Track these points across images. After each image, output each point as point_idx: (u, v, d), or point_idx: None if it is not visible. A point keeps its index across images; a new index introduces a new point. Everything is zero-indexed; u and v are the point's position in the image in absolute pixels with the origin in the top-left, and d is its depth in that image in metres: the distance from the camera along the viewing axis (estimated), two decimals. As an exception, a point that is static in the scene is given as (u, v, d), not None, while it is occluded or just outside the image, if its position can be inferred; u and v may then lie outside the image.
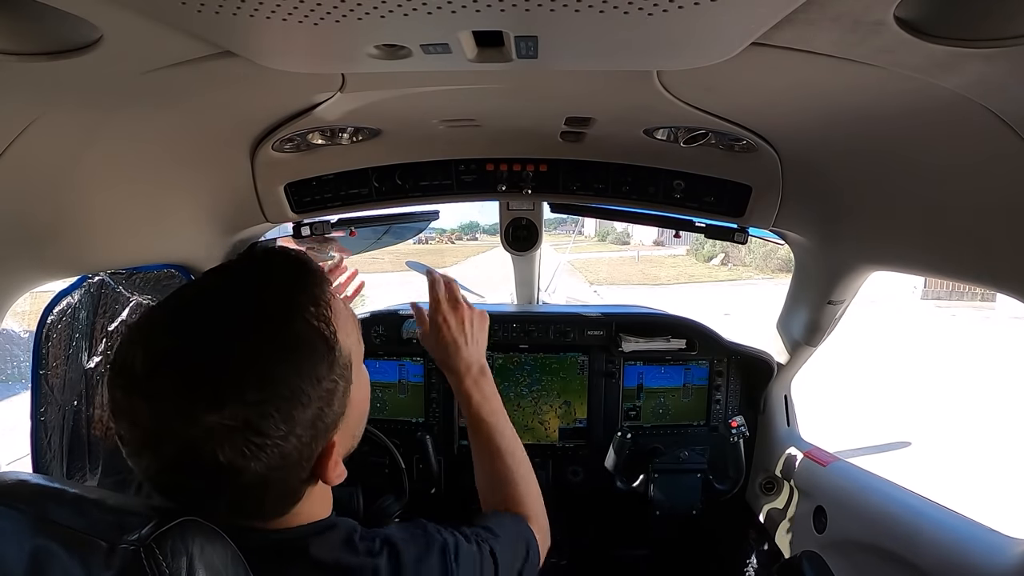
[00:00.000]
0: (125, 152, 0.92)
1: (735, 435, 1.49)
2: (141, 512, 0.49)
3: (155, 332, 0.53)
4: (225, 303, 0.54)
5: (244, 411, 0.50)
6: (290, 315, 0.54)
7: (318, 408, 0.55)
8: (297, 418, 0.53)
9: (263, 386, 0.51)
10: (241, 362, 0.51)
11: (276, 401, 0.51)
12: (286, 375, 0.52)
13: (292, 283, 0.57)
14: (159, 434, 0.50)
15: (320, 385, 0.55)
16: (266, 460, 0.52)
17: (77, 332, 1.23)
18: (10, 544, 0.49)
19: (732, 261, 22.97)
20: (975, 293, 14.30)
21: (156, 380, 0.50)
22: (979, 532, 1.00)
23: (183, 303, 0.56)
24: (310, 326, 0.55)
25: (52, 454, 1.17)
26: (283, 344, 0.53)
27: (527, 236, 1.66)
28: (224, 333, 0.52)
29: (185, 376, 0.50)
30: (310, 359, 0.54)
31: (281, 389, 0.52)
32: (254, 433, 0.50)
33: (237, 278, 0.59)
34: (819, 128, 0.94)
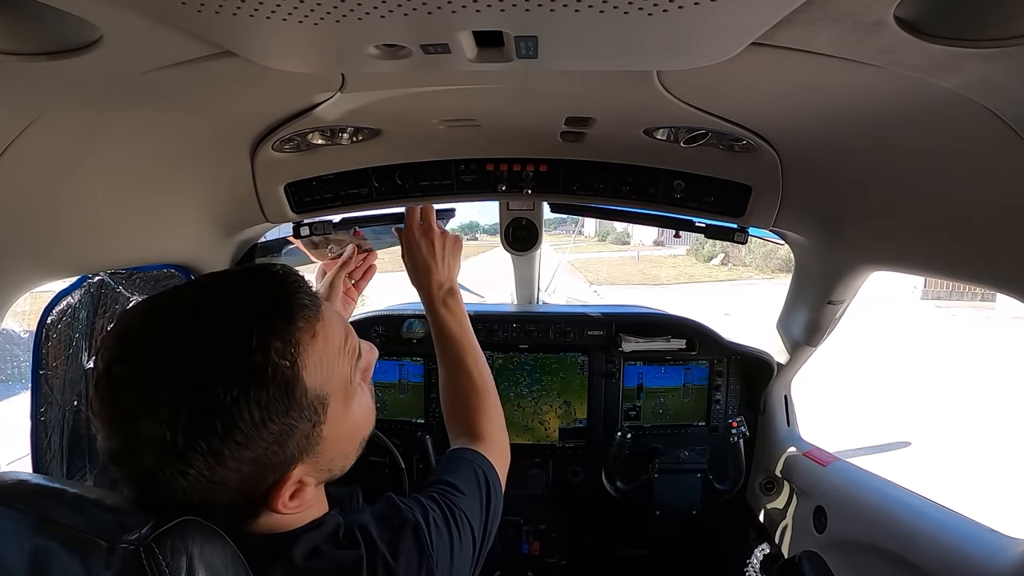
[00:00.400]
0: (125, 152, 0.92)
1: (735, 435, 1.50)
2: (142, 512, 0.49)
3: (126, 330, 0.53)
4: (192, 318, 0.53)
5: (172, 433, 0.48)
6: (249, 346, 0.51)
7: (263, 449, 0.52)
8: (229, 455, 0.50)
9: (196, 415, 0.49)
10: (184, 384, 0.49)
11: (206, 435, 0.49)
12: (224, 412, 0.49)
13: (268, 316, 0.54)
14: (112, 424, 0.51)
15: (266, 427, 0.51)
16: (190, 486, 0.50)
17: (77, 332, 1.22)
18: (10, 544, 0.49)
19: (732, 261, 22.96)
20: (975, 293, 14.29)
21: (111, 375, 0.51)
22: (979, 532, 1.00)
23: (159, 307, 0.55)
24: (270, 361, 0.51)
25: (52, 454, 1.17)
26: (232, 376, 0.50)
27: (527, 236, 1.66)
28: (178, 349, 0.51)
29: (134, 380, 0.50)
30: (258, 400, 0.51)
31: (214, 424, 0.49)
32: (178, 459, 0.49)
33: (214, 294, 0.56)
34: (819, 128, 0.94)
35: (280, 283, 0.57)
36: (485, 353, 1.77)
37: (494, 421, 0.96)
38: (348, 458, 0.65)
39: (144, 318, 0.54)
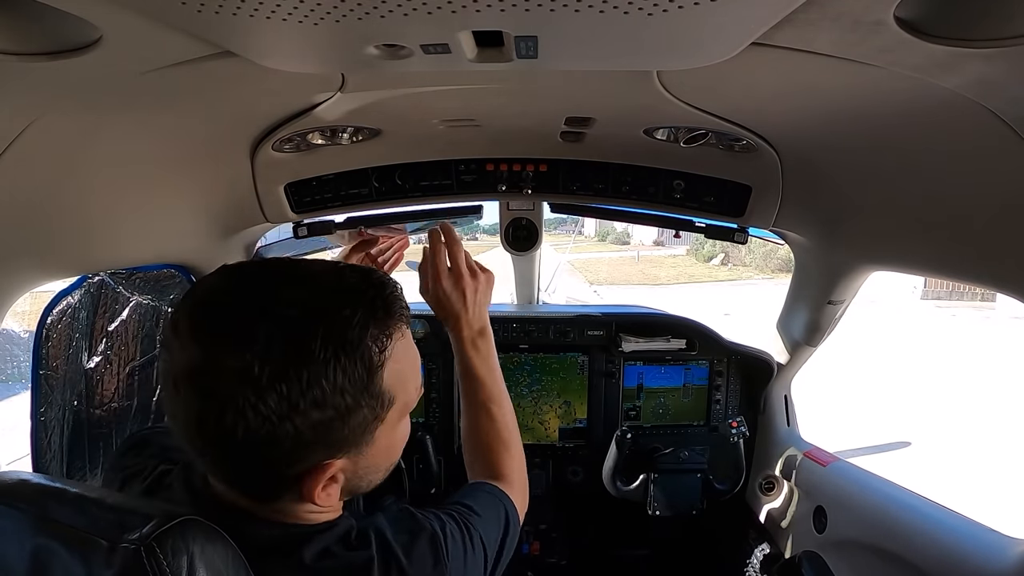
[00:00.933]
0: (125, 152, 0.92)
1: (735, 435, 1.50)
2: (142, 511, 0.49)
3: (232, 272, 0.57)
4: (303, 280, 0.56)
5: (260, 367, 0.50)
6: (352, 321, 0.54)
7: (330, 417, 0.53)
8: (302, 408, 0.51)
9: (288, 358, 0.51)
10: (285, 327, 0.51)
11: (290, 380, 0.50)
12: (313, 364, 0.51)
13: (371, 302, 0.56)
14: (196, 343, 0.52)
15: (342, 396, 0.53)
16: (251, 426, 0.51)
17: (77, 332, 1.23)
18: (11, 543, 0.49)
19: (732, 261, 22.97)
20: (975, 293, 14.30)
21: (209, 302, 0.54)
22: (979, 532, 1.00)
23: (270, 264, 0.58)
24: (364, 341, 0.54)
25: (52, 454, 1.17)
26: (329, 337, 0.52)
27: (527, 236, 1.66)
28: (285, 298, 0.53)
29: (234, 309, 0.52)
30: (344, 367, 0.53)
31: (301, 372, 0.51)
32: (255, 393, 0.50)
33: (327, 271, 0.58)
34: (819, 128, 0.94)
35: (386, 283, 0.61)
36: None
37: (517, 465, 0.93)
38: (378, 475, 0.67)
39: (256, 268, 0.57)
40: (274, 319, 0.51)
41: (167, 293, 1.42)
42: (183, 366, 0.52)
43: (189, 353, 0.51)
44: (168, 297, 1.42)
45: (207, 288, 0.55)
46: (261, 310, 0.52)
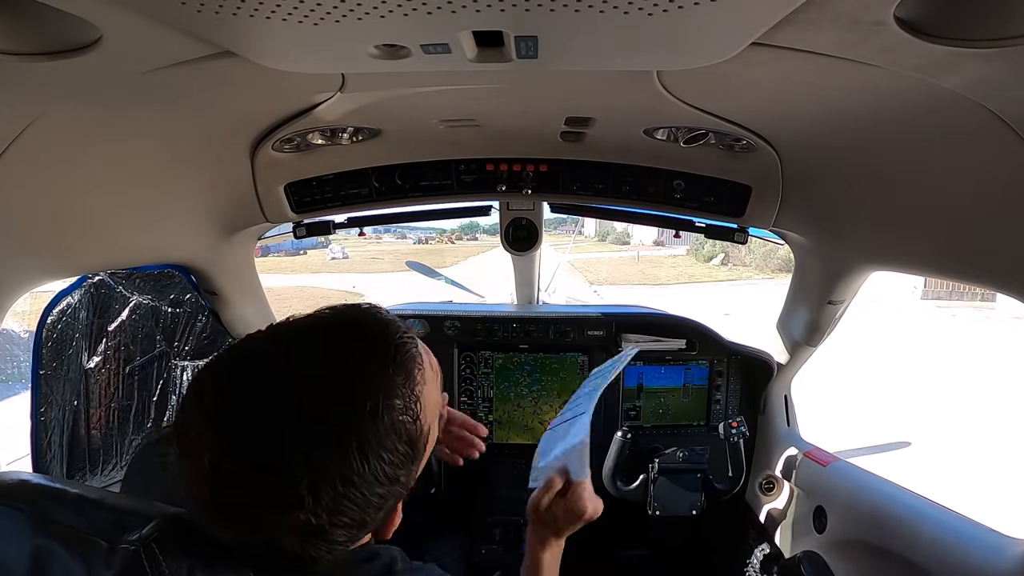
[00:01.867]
0: (125, 152, 0.92)
1: (735, 435, 1.49)
2: (142, 512, 0.49)
3: (221, 420, 0.49)
4: (296, 392, 0.49)
5: (316, 519, 0.48)
6: (375, 416, 0.50)
7: (393, 501, 0.55)
8: (368, 520, 0.52)
9: (338, 496, 0.49)
10: (317, 473, 0.48)
11: (350, 509, 0.50)
12: (365, 483, 0.50)
13: (379, 374, 0.52)
14: (225, 520, 0.49)
15: (398, 483, 0.53)
16: (334, 555, 0.52)
17: (77, 332, 1.22)
18: (11, 544, 0.49)
19: (732, 261, 22.97)
20: (975, 293, 14.30)
21: (225, 479, 0.47)
22: (979, 532, 1.00)
23: (249, 379, 0.51)
24: (396, 425, 0.52)
25: (52, 454, 1.17)
26: (364, 450, 0.49)
27: (527, 236, 1.65)
28: (296, 436, 0.48)
29: (254, 484, 0.48)
30: (392, 463, 0.51)
31: (356, 496, 0.50)
32: (323, 539, 0.50)
33: (313, 357, 0.52)
34: (819, 128, 0.94)
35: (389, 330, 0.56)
36: (485, 353, 1.76)
37: None
38: None
39: (248, 400, 0.49)
40: (306, 465, 0.48)
41: (167, 293, 1.42)
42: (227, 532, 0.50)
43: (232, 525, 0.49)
44: (168, 297, 1.42)
45: (219, 450, 0.48)
46: (288, 462, 0.48)
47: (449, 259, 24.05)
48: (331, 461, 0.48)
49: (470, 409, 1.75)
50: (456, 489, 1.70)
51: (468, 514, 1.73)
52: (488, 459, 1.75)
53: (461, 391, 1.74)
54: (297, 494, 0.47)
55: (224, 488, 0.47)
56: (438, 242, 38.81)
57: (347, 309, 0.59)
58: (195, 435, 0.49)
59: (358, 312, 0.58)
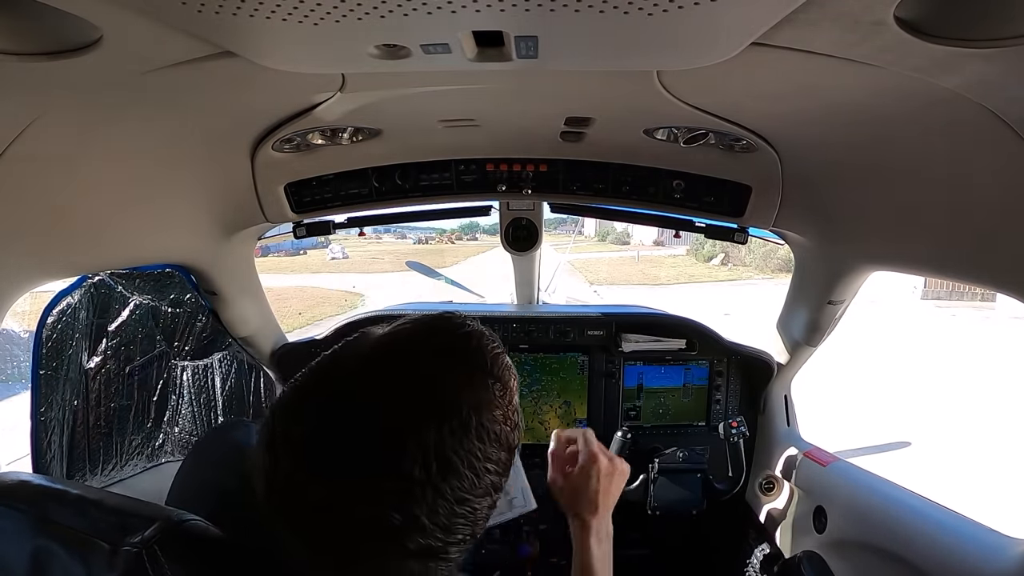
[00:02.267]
0: (125, 152, 0.92)
1: (735, 435, 1.49)
2: (143, 514, 0.49)
3: (323, 461, 0.47)
4: (400, 420, 0.48)
5: (435, 541, 0.49)
6: (482, 433, 0.51)
7: (494, 505, 0.55)
8: (479, 532, 0.53)
9: (454, 516, 0.49)
10: (433, 497, 0.48)
11: (464, 526, 0.51)
12: (476, 497, 0.51)
13: (480, 390, 0.53)
14: (338, 547, 0.48)
15: (500, 490, 0.54)
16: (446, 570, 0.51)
17: (77, 332, 1.22)
18: (11, 544, 0.49)
19: (732, 261, 22.98)
20: (975, 293, 14.31)
21: (336, 521, 0.46)
22: (979, 532, 1.00)
23: (347, 413, 0.49)
24: (499, 437, 0.52)
25: (52, 454, 1.17)
26: (475, 467, 0.50)
27: (527, 236, 1.65)
28: (408, 466, 0.47)
29: (371, 522, 0.47)
30: (497, 472, 0.53)
31: (469, 513, 0.51)
32: (441, 558, 0.50)
33: (411, 382, 0.51)
34: (819, 128, 0.94)
35: (484, 343, 0.58)
36: None
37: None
38: None
39: (341, 440, 0.47)
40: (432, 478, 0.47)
41: (167, 293, 1.42)
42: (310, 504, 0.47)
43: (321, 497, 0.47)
44: (168, 297, 1.42)
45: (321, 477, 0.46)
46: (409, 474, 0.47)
47: (449, 259, 24.05)
48: (445, 485, 0.48)
49: (470, 409, 1.75)
50: None
51: None
52: (488, 459, 1.76)
53: (461, 391, 1.74)
54: (418, 523, 0.47)
55: (341, 532, 0.46)
56: (438, 242, 38.83)
57: (434, 323, 0.59)
58: (297, 483, 0.46)
59: (446, 326, 0.58)
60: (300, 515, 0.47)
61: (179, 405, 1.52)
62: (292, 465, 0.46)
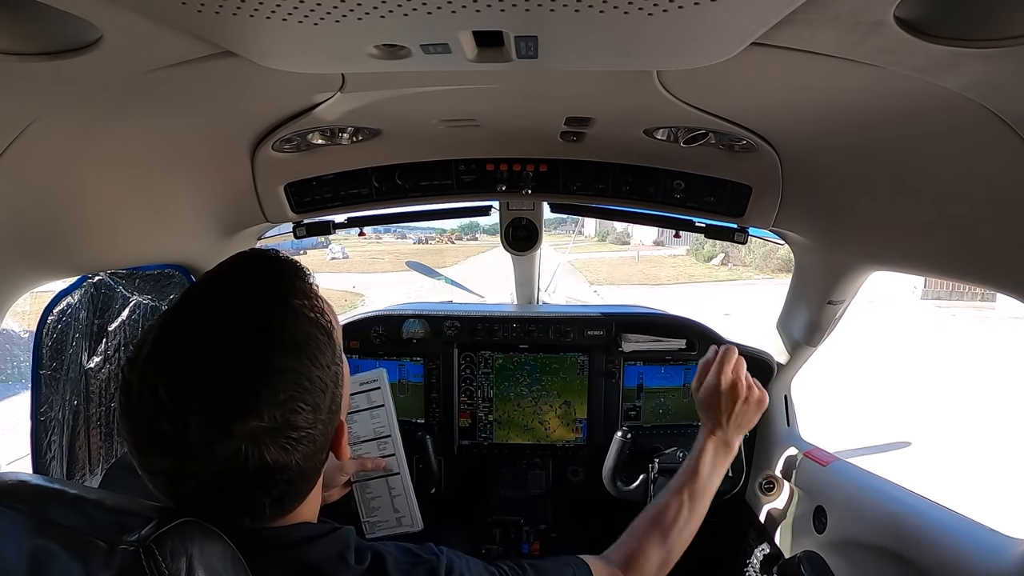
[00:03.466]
0: (125, 152, 0.92)
1: (735, 435, 1.49)
2: (141, 512, 0.49)
3: (168, 361, 0.53)
4: (229, 317, 0.56)
5: (278, 411, 0.53)
6: (291, 315, 0.58)
7: (332, 392, 0.59)
8: (320, 405, 0.57)
9: (287, 385, 0.54)
10: (263, 369, 0.53)
11: (302, 395, 0.55)
12: (304, 369, 0.56)
13: (283, 284, 0.61)
14: (200, 456, 0.51)
15: (330, 370, 0.59)
16: (303, 450, 0.55)
17: (77, 332, 1.22)
18: (10, 544, 0.49)
19: (732, 261, 22.98)
20: (975, 293, 14.31)
21: (186, 407, 0.50)
22: (979, 532, 1.00)
23: (186, 324, 0.56)
24: (310, 320, 0.59)
25: (52, 454, 1.17)
26: (294, 342, 0.56)
27: (527, 236, 1.65)
28: (238, 347, 0.54)
29: (215, 395, 0.51)
30: (318, 349, 0.58)
31: (303, 382, 0.55)
32: (291, 428, 0.54)
33: (231, 291, 0.60)
34: (819, 128, 0.94)
35: (272, 257, 0.64)
36: (485, 353, 1.77)
37: (654, 568, 0.92)
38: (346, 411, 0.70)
39: (182, 342, 0.54)
40: (256, 367, 0.53)
41: (167, 293, 1.42)
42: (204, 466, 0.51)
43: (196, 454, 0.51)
44: (168, 297, 1.42)
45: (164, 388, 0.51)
46: (240, 371, 0.53)
47: (449, 259, 24.07)
48: (271, 354, 0.54)
49: (470, 409, 1.75)
50: (456, 489, 1.70)
51: (468, 514, 1.73)
52: (488, 459, 1.76)
53: (461, 391, 1.74)
54: (254, 391, 0.52)
55: (192, 416, 0.50)
56: (438, 242, 38.84)
57: (236, 255, 0.66)
58: (149, 391, 0.51)
59: (247, 253, 0.65)
60: (155, 409, 0.51)
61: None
62: (141, 382, 0.52)
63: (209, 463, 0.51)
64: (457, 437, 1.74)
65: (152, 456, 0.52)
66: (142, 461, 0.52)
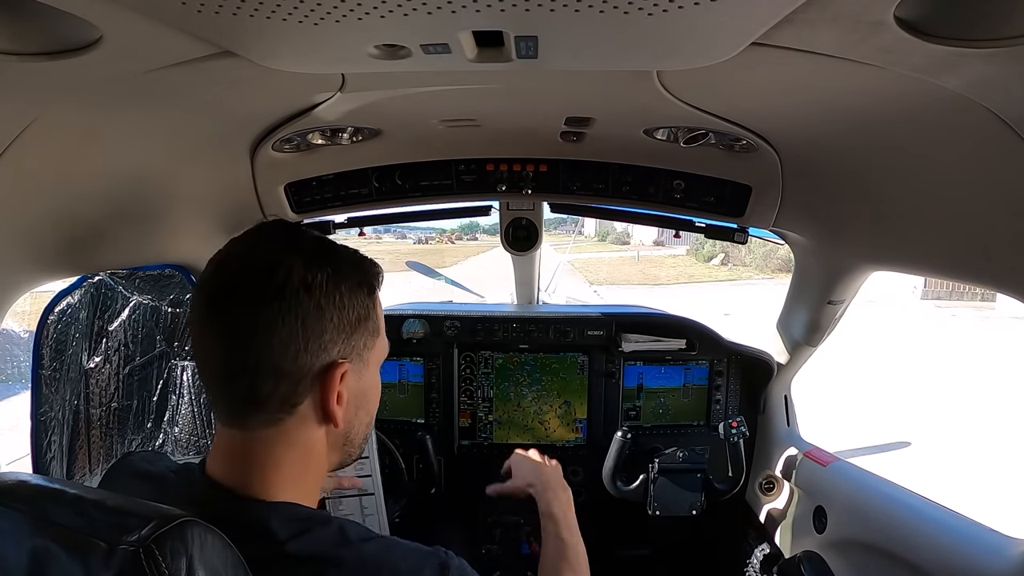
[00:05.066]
0: (125, 152, 0.92)
1: (735, 435, 1.49)
2: (141, 513, 0.49)
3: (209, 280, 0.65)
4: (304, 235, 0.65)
5: (314, 262, 0.61)
6: (356, 255, 0.68)
7: (349, 314, 0.63)
8: (339, 298, 0.62)
9: (328, 261, 0.62)
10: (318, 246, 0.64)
11: (334, 272, 0.62)
12: (345, 268, 0.64)
13: (363, 264, 0.69)
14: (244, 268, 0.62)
15: (358, 300, 0.64)
16: (310, 303, 0.59)
17: (77, 332, 1.22)
18: (9, 544, 0.49)
19: (732, 261, 22.99)
20: (975, 293, 14.32)
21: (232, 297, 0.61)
22: (979, 532, 1.00)
23: (241, 260, 0.65)
24: (367, 271, 0.67)
25: (52, 454, 1.17)
26: (348, 259, 0.65)
27: (527, 236, 1.65)
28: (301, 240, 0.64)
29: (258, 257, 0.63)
30: (360, 282, 0.65)
31: (339, 267, 0.63)
32: (315, 270, 0.60)
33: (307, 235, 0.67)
34: (819, 128, 0.94)
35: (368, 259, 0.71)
36: (485, 353, 1.77)
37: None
38: (364, 422, 0.72)
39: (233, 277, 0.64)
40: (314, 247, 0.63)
41: (167, 293, 1.42)
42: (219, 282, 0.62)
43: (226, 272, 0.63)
44: (168, 297, 1.42)
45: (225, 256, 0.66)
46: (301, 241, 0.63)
47: (449, 259, 24.05)
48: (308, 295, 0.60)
49: (470, 409, 1.75)
50: (456, 489, 1.70)
51: (468, 514, 1.73)
52: (488, 459, 1.76)
53: (461, 391, 1.74)
54: (279, 288, 0.58)
55: (231, 320, 0.59)
56: (438, 242, 38.83)
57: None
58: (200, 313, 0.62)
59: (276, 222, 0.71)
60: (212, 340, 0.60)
61: (179, 405, 1.52)
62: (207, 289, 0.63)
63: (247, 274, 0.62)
64: (457, 437, 1.74)
65: (207, 358, 0.61)
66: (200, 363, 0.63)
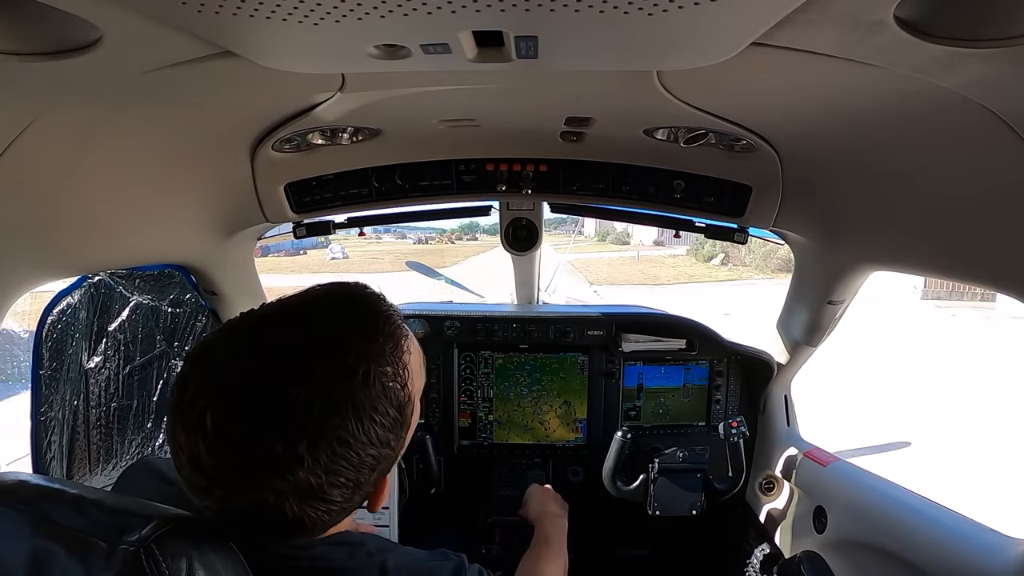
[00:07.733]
0: (125, 152, 0.92)
1: (735, 435, 1.49)
2: (141, 513, 0.49)
3: (221, 387, 0.51)
4: (297, 363, 0.52)
5: (315, 478, 0.51)
6: (364, 384, 0.54)
7: (381, 468, 0.57)
8: (362, 481, 0.55)
9: (334, 456, 0.52)
10: (313, 432, 0.51)
11: (346, 470, 0.53)
12: (359, 444, 0.53)
13: (368, 342, 0.56)
14: (227, 488, 0.51)
15: (389, 447, 0.57)
16: (331, 517, 0.55)
17: (77, 332, 1.22)
18: (10, 544, 0.49)
19: (732, 261, 22.97)
20: (975, 293, 14.30)
21: (225, 442, 0.49)
22: (979, 532, 1.00)
23: (251, 349, 0.54)
24: (385, 392, 0.55)
25: (52, 454, 1.17)
26: (356, 414, 0.53)
27: (527, 236, 1.65)
28: (295, 400, 0.51)
29: (256, 442, 0.50)
30: (382, 425, 0.55)
31: (352, 456, 0.53)
32: (322, 498, 0.52)
33: (311, 330, 0.56)
34: (819, 128, 0.94)
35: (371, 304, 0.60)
36: (485, 353, 1.78)
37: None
38: None
39: (259, 371, 0.52)
40: (304, 427, 0.51)
41: (167, 293, 1.42)
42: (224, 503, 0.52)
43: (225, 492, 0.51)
44: (168, 297, 1.42)
45: (220, 416, 0.50)
46: (290, 426, 0.50)
47: (449, 259, 24.05)
48: (328, 423, 0.51)
49: (470, 409, 1.75)
50: (456, 489, 1.70)
51: (468, 514, 1.73)
52: (488, 459, 1.76)
53: (461, 391, 1.74)
54: (297, 453, 0.50)
55: (229, 454, 0.50)
56: (438, 242, 38.84)
57: (337, 286, 0.63)
58: (200, 406, 0.50)
59: (348, 288, 0.62)
60: (198, 428, 0.50)
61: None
62: (197, 388, 0.51)
63: (233, 498, 0.51)
64: (457, 437, 1.74)
65: (182, 456, 0.51)
66: (175, 451, 0.52)
